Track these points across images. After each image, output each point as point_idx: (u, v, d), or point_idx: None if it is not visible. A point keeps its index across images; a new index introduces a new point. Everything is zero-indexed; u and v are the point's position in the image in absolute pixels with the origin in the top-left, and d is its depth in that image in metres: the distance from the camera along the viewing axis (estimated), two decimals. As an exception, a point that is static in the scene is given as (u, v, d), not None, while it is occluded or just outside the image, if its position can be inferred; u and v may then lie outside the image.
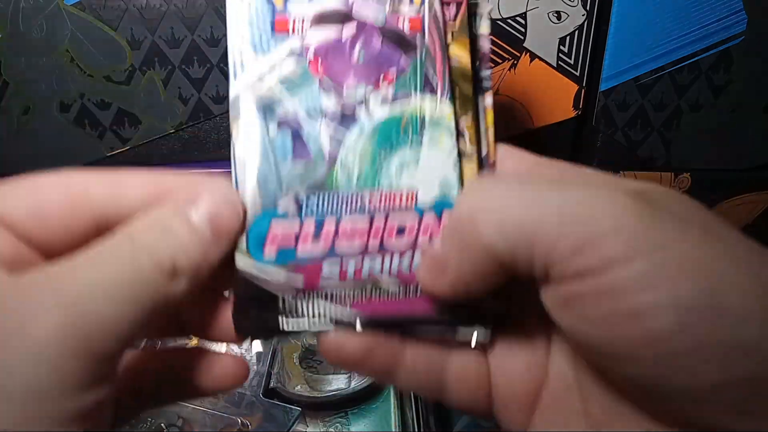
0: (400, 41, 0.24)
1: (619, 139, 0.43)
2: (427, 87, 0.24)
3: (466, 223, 0.20)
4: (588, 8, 0.39)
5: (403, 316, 0.24)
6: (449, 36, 0.25)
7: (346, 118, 0.24)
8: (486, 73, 0.25)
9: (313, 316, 0.24)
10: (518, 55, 0.40)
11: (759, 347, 0.17)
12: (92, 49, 0.39)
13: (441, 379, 0.24)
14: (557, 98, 0.42)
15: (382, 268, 0.23)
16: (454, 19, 0.25)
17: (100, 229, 0.22)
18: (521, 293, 0.23)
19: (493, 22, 0.39)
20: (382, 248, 0.23)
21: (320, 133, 0.24)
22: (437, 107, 0.24)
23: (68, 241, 0.21)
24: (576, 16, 0.40)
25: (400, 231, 0.23)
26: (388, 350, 0.24)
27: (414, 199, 0.24)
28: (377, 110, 0.24)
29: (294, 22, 0.24)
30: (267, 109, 0.24)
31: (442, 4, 0.25)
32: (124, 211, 0.22)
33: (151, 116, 0.41)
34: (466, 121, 0.25)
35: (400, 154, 0.24)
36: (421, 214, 0.24)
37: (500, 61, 0.40)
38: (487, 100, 0.25)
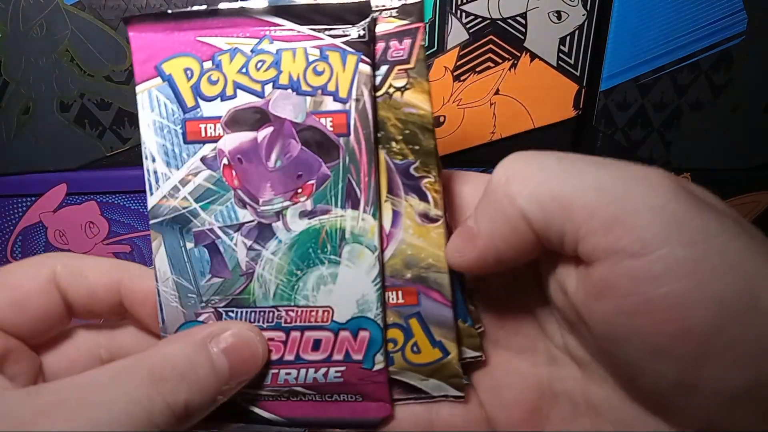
0: (321, 144, 0.22)
1: (619, 139, 0.43)
2: (349, 200, 0.23)
3: (502, 189, 0.20)
4: (588, 8, 0.39)
5: (321, 418, 0.24)
6: (404, 80, 0.22)
7: (262, 232, 0.23)
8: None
9: (235, 415, 0.24)
10: (518, 55, 0.40)
11: None
12: (92, 49, 0.39)
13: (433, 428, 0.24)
14: (557, 98, 0.42)
15: (297, 378, 0.23)
16: (408, 58, 0.22)
17: (67, 306, 0.23)
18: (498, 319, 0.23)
19: (493, 21, 0.39)
20: (298, 360, 0.23)
21: (237, 248, 0.23)
22: (359, 222, 0.23)
23: (42, 324, 0.23)
24: (576, 16, 0.39)
25: (316, 346, 0.23)
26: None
27: (330, 317, 0.23)
28: (295, 224, 0.23)
29: (206, 126, 0.23)
30: (183, 223, 0.23)
31: (390, 38, 0.22)
32: (85, 296, 0.23)
33: (151, 116, 0.41)
34: (429, 181, 0.23)
35: (317, 270, 0.23)
36: (336, 331, 0.23)
37: (500, 61, 0.40)
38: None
